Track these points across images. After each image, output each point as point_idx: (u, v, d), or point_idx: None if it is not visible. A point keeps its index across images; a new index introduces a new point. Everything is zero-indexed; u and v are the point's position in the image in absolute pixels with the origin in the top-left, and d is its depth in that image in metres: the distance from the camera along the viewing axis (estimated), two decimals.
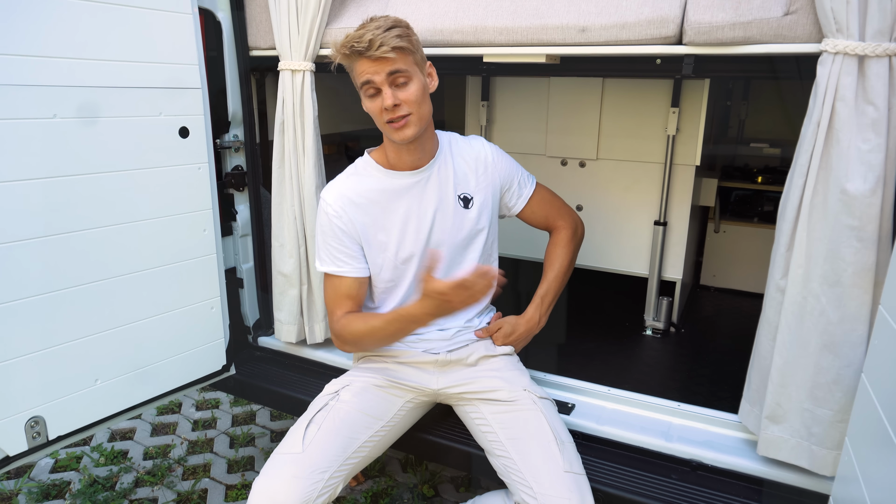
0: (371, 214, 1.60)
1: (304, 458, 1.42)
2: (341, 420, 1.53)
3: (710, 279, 2.85)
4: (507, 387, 1.61)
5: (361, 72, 1.44)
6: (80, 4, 1.50)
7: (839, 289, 1.34)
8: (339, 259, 1.61)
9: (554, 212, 1.79)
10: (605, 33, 1.51)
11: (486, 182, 1.67)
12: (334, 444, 1.48)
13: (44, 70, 1.44)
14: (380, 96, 1.45)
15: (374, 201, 1.60)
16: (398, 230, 1.61)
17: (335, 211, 1.58)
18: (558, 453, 1.43)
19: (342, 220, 1.59)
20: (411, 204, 1.61)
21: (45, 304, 1.51)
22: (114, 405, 1.71)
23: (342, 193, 1.59)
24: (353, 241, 1.61)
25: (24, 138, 1.43)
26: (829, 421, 1.41)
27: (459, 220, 1.64)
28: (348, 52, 1.42)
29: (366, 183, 1.61)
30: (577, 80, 2.23)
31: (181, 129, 1.77)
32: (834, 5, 1.24)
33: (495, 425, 1.55)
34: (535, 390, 1.62)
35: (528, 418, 1.53)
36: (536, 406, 1.56)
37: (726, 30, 1.40)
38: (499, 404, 1.59)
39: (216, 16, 1.96)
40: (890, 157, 1.27)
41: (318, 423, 1.51)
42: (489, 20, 1.65)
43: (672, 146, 2.13)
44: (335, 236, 1.60)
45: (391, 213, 1.60)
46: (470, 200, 1.65)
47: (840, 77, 1.26)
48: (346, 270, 1.62)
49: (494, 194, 1.70)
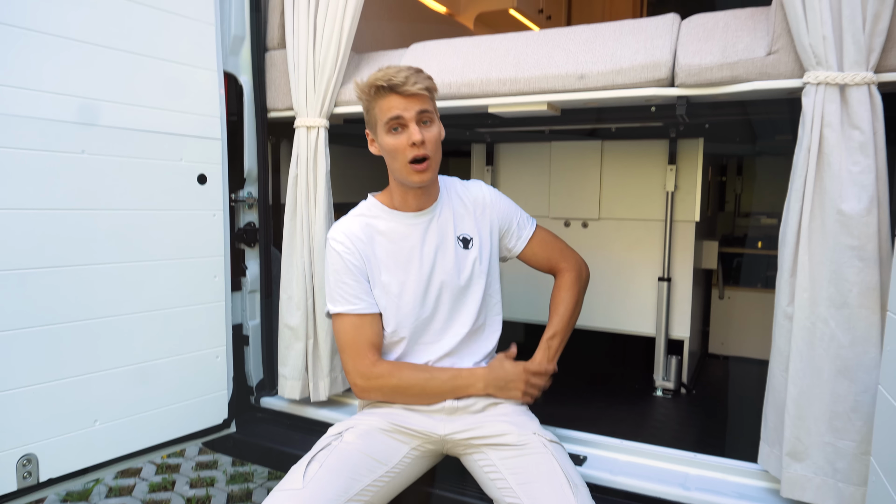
0: (377, 253, 1.62)
1: (303, 493, 1.36)
2: (344, 460, 1.47)
3: (719, 347, 2.81)
4: (515, 430, 1.55)
5: (390, 107, 1.49)
6: (118, 54, 1.63)
7: (847, 310, 1.34)
8: (357, 297, 1.60)
9: (556, 253, 1.79)
10: (602, 79, 1.62)
11: (485, 223, 1.70)
12: (336, 483, 1.41)
13: (77, 108, 1.54)
14: (405, 133, 1.49)
15: (379, 241, 1.63)
16: (401, 271, 1.63)
17: (346, 248, 1.60)
18: (572, 497, 1.36)
19: (353, 255, 1.60)
20: (414, 245, 1.63)
21: (49, 336, 1.51)
22: (111, 450, 1.65)
23: (350, 231, 1.62)
24: (364, 277, 1.61)
25: (52, 170, 1.50)
26: (852, 454, 1.35)
27: (461, 261, 1.66)
28: (385, 84, 1.47)
29: (371, 222, 1.64)
30: (577, 143, 2.34)
31: (199, 175, 1.85)
32: (812, 41, 1.35)
33: (505, 471, 1.48)
34: (545, 434, 1.56)
35: (539, 462, 1.46)
36: (547, 449, 1.49)
37: (714, 70, 1.50)
38: (508, 449, 1.52)
39: (238, 79, 2.11)
40: (881, 177, 1.31)
41: (320, 462, 1.45)
42: (494, 73, 1.77)
43: (671, 203, 2.20)
44: (349, 272, 1.60)
45: (395, 253, 1.63)
46: (469, 241, 1.68)
47: (825, 105, 1.34)
48: (364, 307, 1.60)
49: (493, 235, 1.71)
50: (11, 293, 1.44)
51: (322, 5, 1.96)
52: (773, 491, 1.54)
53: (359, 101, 1.58)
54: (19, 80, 1.44)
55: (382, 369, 1.59)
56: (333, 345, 2.03)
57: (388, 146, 1.52)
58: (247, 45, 2.13)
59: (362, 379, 1.59)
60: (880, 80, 1.32)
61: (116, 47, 1.63)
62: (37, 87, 1.47)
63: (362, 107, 1.58)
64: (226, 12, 2.03)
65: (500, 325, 1.75)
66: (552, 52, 1.73)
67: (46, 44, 1.48)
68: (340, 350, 1.63)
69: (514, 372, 1.64)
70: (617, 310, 2.34)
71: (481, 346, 1.71)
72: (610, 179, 2.31)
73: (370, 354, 1.59)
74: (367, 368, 1.58)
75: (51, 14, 1.49)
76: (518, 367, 1.65)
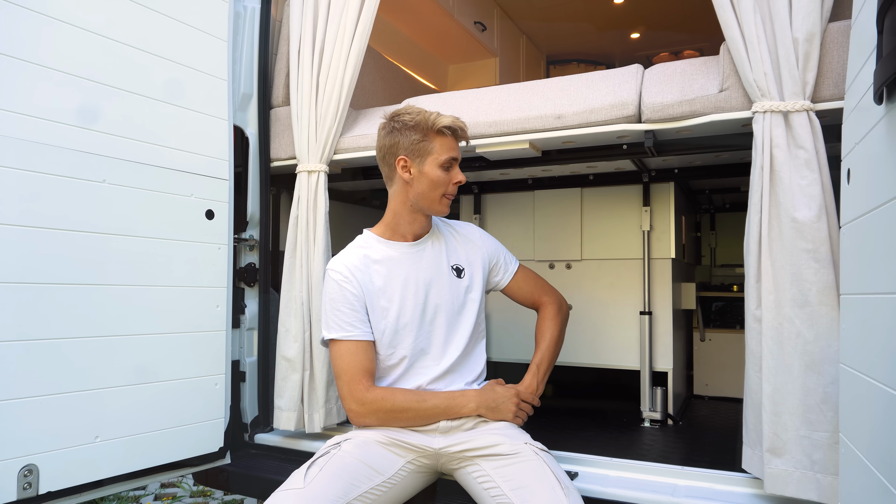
0: (374, 281, 1.73)
1: (305, 493, 1.41)
2: (343, 466, 1.52)
3: (703, 388, 2.88)
4: (508, 441, 1.61)
5: (452, 147, 1.70)
6: (142, 99, 1.81)
7: (809, 308, 1.46)
8: (352, 325, 1.68)
9: (539, 289, 1.94)
10: (577, 118, 1.82)
11: (476, 257, 1.85)
12: (335, 485, 1.45)
13: (101, 142, 1.70)
14: (452, 171, 1.71)
15: (377, 270, 1.73)
16: (399, 295, 1.73)
17: (344, 277, 1.71)
18: (563, 497, 1.41)
19: (351, 284, 1.70)
20: (409, 271, 1.75)
21: (58, 350, 1.58)
22: (111, 467, 1.67)
23: (349, 262, 1.74)
24: (361, 305, 1.71)
25: (74, 195, 1.63)
26: (826, 444, 1.43)
27: (455, 288, 1.78)
28: (456, 128, 1.69)
29: (368, 253, 1.76)
30: (558, 191, 2.52)
31: (207, 211, 1.99)
32: (756, 77, 1.56)
33: (498, 479, 1.53)
34: (536, 444, 1.62)
35: (531, 468, 1.52)
36: (538, 457, 1.56)
37: (675, 107, 1.71)
38: (500, 458, 1.58)
39: (245, 132, 2.29)
40: (826, 188, 1.48)
41: (320, 466, 1.50)
42: (480, 117, 1.97)
43: (648, 242, 2.36)
44: (346, 301, 1.69)
45: (392, 279, 1.74)
46: (462, 270, 1.81)
47: (772, 129, 1.53)
48: (359, 334, 1.68)
49: (483, 268, 1.85)
50: (25, 305, 1.52)
51: (325, 65, 2.18)
52: (758, 496, 1.59)
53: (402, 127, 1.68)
54: (55, 115, 1.60)
55: (376, 394, 1.66)
56: (329, 376, 2.09)
57: (436, 178, 1.68)
58: (254, 102, 2.33)
59: (358, 404, 1.65)
60: (816, 109, 1.53)
61: (140, 93, 1.81)
62: (67, 122, 1.63)
63: (405, 136, 1.68)
64: (237, 72, 2.24)
65: (485, 351, 1.87)
66: (531, 98, 1.94)
67: (82, 87, 1.66)
68: (336, 376, 1.70)
69: (505, 395, 1.72)
70: (602, 345, 2.43)
71: (472, 367, 1.81)
72: (590, 223, 2.48)
73: (364, 380, 1.66)
74: (362, 394, 1.65)
75: (88, 62, 1.67)
76: (510, 391, 1.73)
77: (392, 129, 1.70)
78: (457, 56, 4.22)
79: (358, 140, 2.21)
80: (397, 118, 1.70)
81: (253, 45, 2.30)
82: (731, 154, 2.05)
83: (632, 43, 5.08)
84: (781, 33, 1.52)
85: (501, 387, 1.75)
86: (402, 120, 1.69)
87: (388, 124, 1.72)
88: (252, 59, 2.30)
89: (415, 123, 1.67)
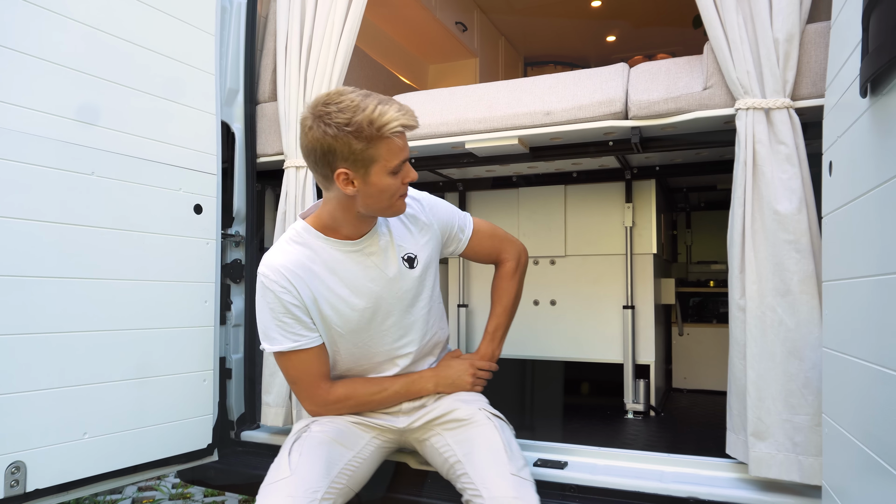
0: (315, 287, 1.53)
1: (294, 479, 1.43)
2: (318, 445, 1.54)
3: (682, 382, 2.95)
4: (464, 406, 1.65)
5: (400, 149, 1.42)
6: (131, 91, 1.78)
7: (790, 297, 1.53)
8: (297, 333, 1.53)
9: (496, 244, 1.81)
10: (566, 114, 1.86)
11: (426, 237, 1.66)
12: (318, 464, 1.49)
13: (90, 134, 1.67)
14: (403, 171, 1.45)
15: (317, 273, 1.53)
16: (344, 299, 1.56)
17: (281, 287, 1.49)
18: (506, 459, 1.48)
19: (290, 294, 1.50)
20: (356, 272, 1.56)
21: (45, 344, 1.55)
22: (99, 464, 1.64)
23: (285, 267, 1.51)
24: (304, 311, 1.53)
25: (61, 188, 1.60)
26: (807, 426, 1.49)
27: (406, 282, 1.61)
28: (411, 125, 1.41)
29: (307, 253, 1.53)
30: (542, 188, 2.56)
31: (196, 205, 1.97)
32: (739, 76, 1.62)
33: (454, 445, 1.59)
34: (490, 410, 1.67)
35: (481, 432, 1.58)
36: (490, 422, 1.61)
37: (661, 104, 1.76)
38: (457, 424, 1.62)
39: (231, 127, 2.28)
40: (806, 182, 1.55)
41: (299, 450, 1.52)
42: (469, 113, 2.00)
43: (630, 238, 2.41)
44: (287, 312, 1.51)
45: (335, 283, 1.55)
46: (414, 259, 1.63)
47: (754, 125, 1.59)
48: (307, 342, 1.54)
49: (437, 247, 1.70)
50: (11, 298, 1.49)
51: (313, 61, 2.19)
52: (742, 480, 1.65)
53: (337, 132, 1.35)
54: (42, 106, 1.57)
55: (339, 394, 1.62)
56: None
57: (385, 186, 1.43)
58: (240, 98, 2.32)
59: (320, 406, 1.62)
60: (796, 106, 1.59)
61: (128, 85, 1.79)
62: (55, 113, 1.60)
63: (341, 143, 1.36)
64: (223, 67, 2.23)
65: (447, 324, 1.82)
66: (521, 95, 1.98)
67: (71, 78, 1.63)
68: (291, 383, 1.63)
69: (460, 367, 1.72)
70: (586, 340, 2.48)
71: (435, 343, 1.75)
72: (574, 220, 2.52)
73: (323, 384, 1.60)
74: (323, 398, 1.60)
75: (77, 54, 1.65)
76: (464, 363, 1.74)
77: (323, 133, 1.36)
78: (437, 56, 4.25)
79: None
80: (327, 119, 1.36)
81: (239, 40, 2.29)
82: (711, 151, 2.11)
83: (607, 46, 5.18)
84: (763, 33, 1.58)
85: (457, 360, 1.75)
86: (336, 122, 1.35)
87: (317, 125, 1.37)
88: (238, 54, 2.29)
89: (355, 129, 1.34)
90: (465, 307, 2.68)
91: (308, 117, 1.40)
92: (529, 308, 2.57)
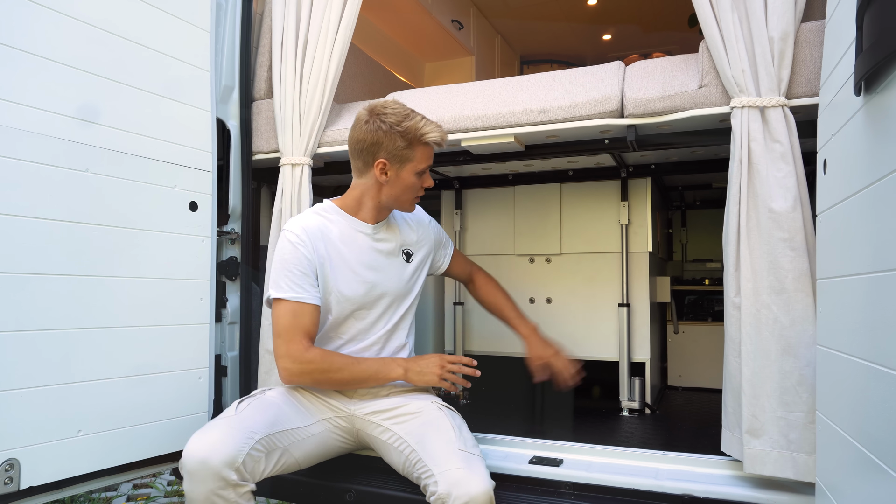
0: (328, 251, 1.74)
1: (237, 419, 1.53)
2: (269, 404, 1.65)
3: (677, 380, 2.96)
4: (413, 401, 1.74)
5: (430, 156, 1.75)
6: (126, 89, 1.78)
7: (785, 295, 1.53)
8: (302, 287, 1.67)
9: (469, 265, 2.13)
10: (562, 112, 1.86)
11: (425, 241, 1.93)
12: (264, 416, 1.58)
13: (85, 131, 1.67)
14: (424, 176, 1.76)
15: (332, 241, 1.75)
16: (350, 270, 1.76)
17: (300, 239, 1.70)
18: (454, 437, 1.57)
19: (306, 247, 1.69)
20: (363, 251, 1.79)
21: (40, 341, 1.55)
22: (93, 462, 1.64)
23: (307, 226, 1.73)
24: (312, 270, 1.70)
25: (58, 183, 1.59)
26: (802, 423, 1.50)
27: (402, 271, 1.85)
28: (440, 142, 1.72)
29: (327, 224, 1.77)
30: (538, 186, 2.56)
31: (191, 203, 1.97)
32: (734, 74, 1.62)
33: (405, 436, 1.65)
34: (441, 403, 1.75)
35: (430, 420, 1.66)
36: (441, 412, 1.70)
37: (657, 102, 1.76)
38: (406, 417, 1.70)
39: (227, 124, 2.27)
40: (800, 181, 1.55)
41: (249, 402, 1.64)
42: (465, 111, 1.99)
43: (626, 236, 2.42)
44: (298, 263, 1.68)
45: (345, 255, 1.76)
46: (412, 255, 1.89)
47: (749, 124, 1.59)
48: (307, 297, 1.67)
49: (429, 254, 1.95)
50: (3, 296, 1.48)
51: (308, 58, 2.18)
52: (737, 477, 1.65)
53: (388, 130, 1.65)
54: (36, 102, 1.56)
55: (314, 355, 1.67)
56: None
57: (410, 183, 1.73)
58: (235, 95, 2.31)
59: (294, 363, 1.65)
60: (791, 104, 1.60)
61: (123, 82, 1.78)
62: (49, 109, 1.59)
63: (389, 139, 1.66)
64: (218, 64, 2.22)
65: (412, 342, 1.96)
66: (517, 93, 1.98)
67: (65, 74, 1.63)
68: (275, 334, 1.68)
69: (431, 359, 1.76)
70: (581, 338, 2.48)
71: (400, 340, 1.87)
72: (569, 218, 2.52)
73: (304, 340, 1.66)
74: (300, 353, 1.65)
75: (70, 49, 1.64)
76: (436, 355, 1.79)
77: (377, 127, 1.67)
78: (433, 54, 4.25)
79: (342, 133, 2.21)
80: (383, 117, 1.67)
81: (234, 37, 2.28)
82: (706, 150, 2.12)
83: (603, 44, 5.18)
84: (758, 32, 1.59)
85: (429, 355, 1.80)
86: (389, 122, 1.66)
87: (373, 121, 1.68)
88: (234, 51, 2.28)
89: (403, 130, 1.66)
90: (461, 305, 2.68)
91: (365, 114, 1.72)
92: (525, 306, 2.57)
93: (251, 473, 1.47)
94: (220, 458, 1.40)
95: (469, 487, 1.40)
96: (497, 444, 1.95)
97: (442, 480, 1.43)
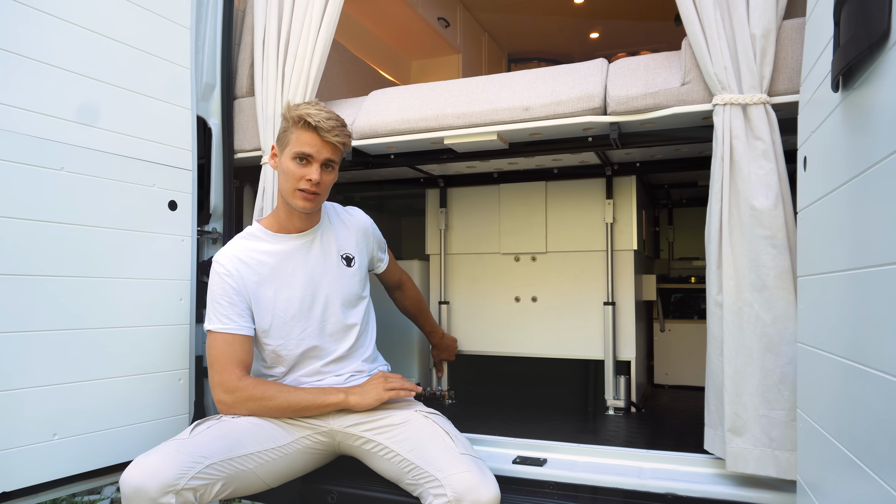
0: (260, 273, 1.73)
1: (188, 442, 1.46)
2: (231, 428, 1.57)
3: (664, 378, 2.96)
4: (398, 412, 1.71)
5: (306, 142, 1.64)
6: (102, 85, 1.75)
7: (767, 292, 1.53)
8: (229, 317, 1.67)
9: (399, 271, 2.20)
10: (545, 109, 1.85)
11: (364, 245, 1.92)
12: (220, 442, 1.50)
13: (59, 129, 1.63)
14: (308, 166, 1.65)
15: (263, 261, 1.74)
16: (286, 288, 1.74)
17: (226, 270, 1.70)
18: (452, 443, 1.55)
19: (233, 278, 1.70)
20: (297, 263, 1.76)
21: (12, 343, 1.51)
22: (70, 466, 1.61)
23: (233, 254, 1.73)
24: (242, 299, 1.70)
25: (30, 184, 1.56)
26: (784, 421, 1.49)
27: (345, 278, 1.82)
28: (312, 123, 1.61)
29: (255, 245, 1.76)
30: (523, 184, 2.55)
31: (170, 202, 1.94)
32: (716, 71, 1.61)
33: (395, 447, 1.61)
34: (425, 410, 1.72)
35: (421, 427, 1.63)
36: (428, 419, 1.67)
37: (639, 99, 1.75)
38: (393, 428, 1.66)
39: (208, 123, 2.24)
40: (782, 178, 1.55)
41: (208, 425, 1.56)
42: (448, 108, 1.98)
43: (611, 234, 2.41)
44: (225, 294, 1.68)
45: (280, 271, 1.74)
46: (352, 259, 1.86)
47: (732, 121, 1.59)
48: (234, 328, 1.67)
49: (369, 256, 1.96)
50: None
51: (290, 56, 2.16)
52: (720, 475, 1.65)
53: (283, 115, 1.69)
54: (9, 99, 1.52)
55: (246, 383, 1.64)
56: None
57: (288, 169, 1.67)
58: (217, 92, 2.28)
59: (226, 393, 1.63)
60: (773, 102, 1.59)
61: (101, 79, 1.75)
62: (22, 106, 1.56)
63: (281, 125, 1.72)
64: (199, 61, 2.19)
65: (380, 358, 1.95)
66: (500, 91, 1.96)
67: (40, 71, 1.59)
68: (209, 365, 1.68)
69: (372, 380, 1.74)
70: (567, 337, 2.47)
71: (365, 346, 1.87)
72: (554, 216, 2.51)
73: (236, 370, 1.65)
74: (233, 382, 1.63)
75: (46, 46, 1.61)
76: (376, 376, 1.76)
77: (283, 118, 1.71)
78: (420, 52, 4.23)
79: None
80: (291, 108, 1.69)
81: (216, 34, 2.25)
82: (691, 148, 2.11)
83: (591, 43, 5.18)
84: (740, 29, 1.58)
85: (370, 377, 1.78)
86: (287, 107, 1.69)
87: None
88: (215, 49, 2.25)
89: (286, 110, 1.67)
90: (446, 304, 2.66)
91: None
92: (510, 305, 2.56)
93: (201, 498, 1.40)
94: (156, 484, 1.32)
95: (480, 494, 1.39)
96: (480, 443, 1.94)
97: (449, 484, 1.41)
